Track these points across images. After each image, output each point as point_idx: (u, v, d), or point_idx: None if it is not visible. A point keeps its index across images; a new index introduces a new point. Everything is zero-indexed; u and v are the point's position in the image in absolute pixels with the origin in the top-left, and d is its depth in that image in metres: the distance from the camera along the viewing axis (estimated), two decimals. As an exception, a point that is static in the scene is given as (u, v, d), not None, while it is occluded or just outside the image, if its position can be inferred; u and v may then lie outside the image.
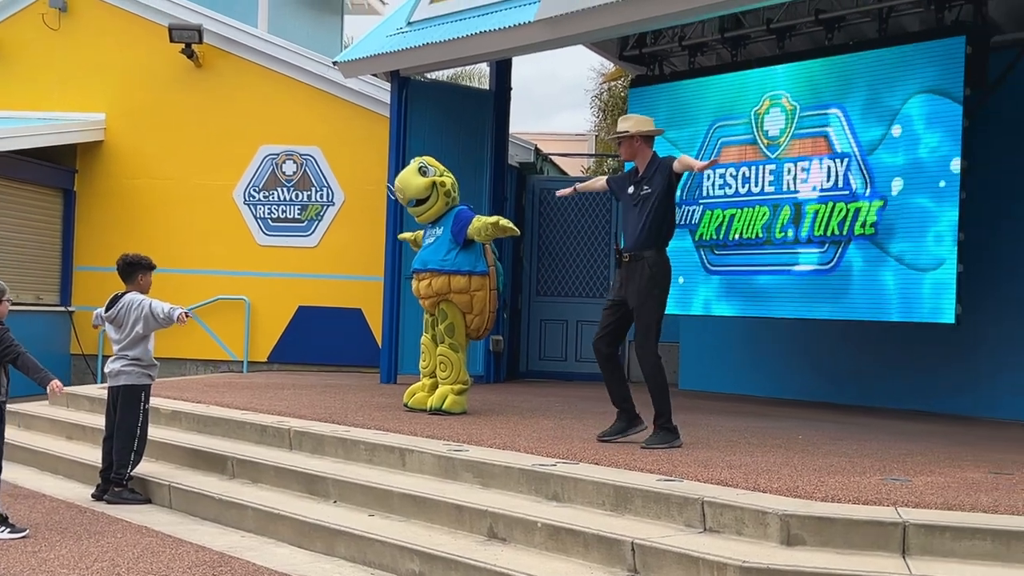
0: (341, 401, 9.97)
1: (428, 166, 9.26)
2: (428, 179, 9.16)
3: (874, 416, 10.30)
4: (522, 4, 10.76)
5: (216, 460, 8.18)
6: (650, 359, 7.48)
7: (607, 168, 22.12)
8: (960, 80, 9.18)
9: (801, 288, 10.24)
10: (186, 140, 14.63)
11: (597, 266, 14.01)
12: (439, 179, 9.21)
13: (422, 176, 9.17)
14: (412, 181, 9.17)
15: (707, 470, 6.43)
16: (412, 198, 9.19)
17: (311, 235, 14.36)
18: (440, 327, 9.12)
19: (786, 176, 10.40)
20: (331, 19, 20.88)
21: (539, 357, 14.43)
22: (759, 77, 10.73)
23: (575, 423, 8.71)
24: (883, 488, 5.94)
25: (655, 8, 9.37)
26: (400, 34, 12.16)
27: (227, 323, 14.36)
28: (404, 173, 9.28)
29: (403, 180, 9.22)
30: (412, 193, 9.17)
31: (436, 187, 9.16)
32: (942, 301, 9.23)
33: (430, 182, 9.16)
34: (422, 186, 9.15)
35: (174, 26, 14.23)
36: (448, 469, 7.11)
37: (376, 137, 13.52)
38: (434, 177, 9.19)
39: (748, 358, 12.55)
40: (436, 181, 9.18)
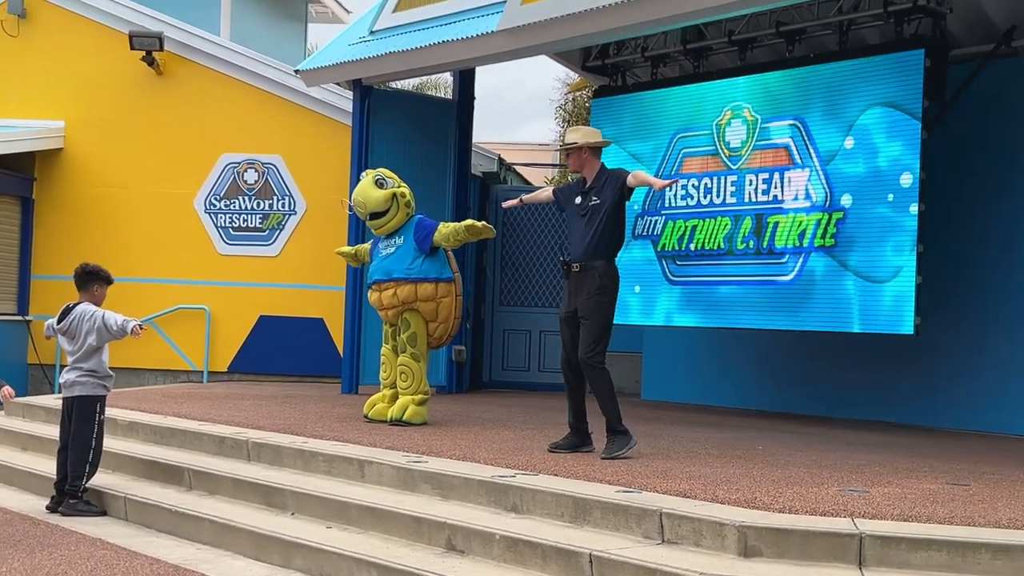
0: (301, 412, 9.90)
1: (385, 178, 9.24)
2: (388, 191, 9.14)
3: (834, 426, 10.34)
4: (485, 14, 10.75)
5: (173, 471, 8.10)
6: (598, 369, 7.48)
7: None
8: (919, 93, 9.25)
9: (762, 299, 10.27)
10: (146, 148, 14.51)
11: (561, 276, 13.96)
12: (398, 190, 9.19)
13: (380, 188, 9.14)
14: (372, 194, 9.14)
15: (666, 481, 6.42)
16: (372, 211, 9.16)
17: (272, 244, 14.27)
18: (402, 336, 9.08)
19: (747, 187, 10.43)
20: (295, 27, 20.81)
21: (502, 367, 14.40)
22: (721, 88, 10.77)
23: (536, 434, 8.69)
24: (841, 499, 5.95)
25: (616, 19, 9.39)
26: (363, 43, 12.12)
27: (187, 333, 14.24)
28: (361, 187, 9.24)
29: (362, 194, 9.18)
30: (372, 206, 9.14)
31: (396, 198, 9.14)
32: (901, 312, 9.28)
33: (390, 194, 9.13)
34: (382, 198, 9.12)
35: (134, 33, 14.12)
36: (407, 480, 7.07)
37: (338, 146, 13.47)
38: (393, 189, 9.17)
39: (711, 368, 12.57)
40: (396, 192, 9.16)
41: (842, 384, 11.27)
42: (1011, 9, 9.95)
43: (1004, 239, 10.19)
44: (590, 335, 7.49)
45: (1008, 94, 10.18)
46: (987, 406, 10.24)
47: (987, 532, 5.23)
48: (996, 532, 5.24)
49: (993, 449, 8.79)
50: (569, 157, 7.84)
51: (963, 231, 10.34)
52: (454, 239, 8.99)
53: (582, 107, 22.69)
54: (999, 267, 10.21)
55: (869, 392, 11.07)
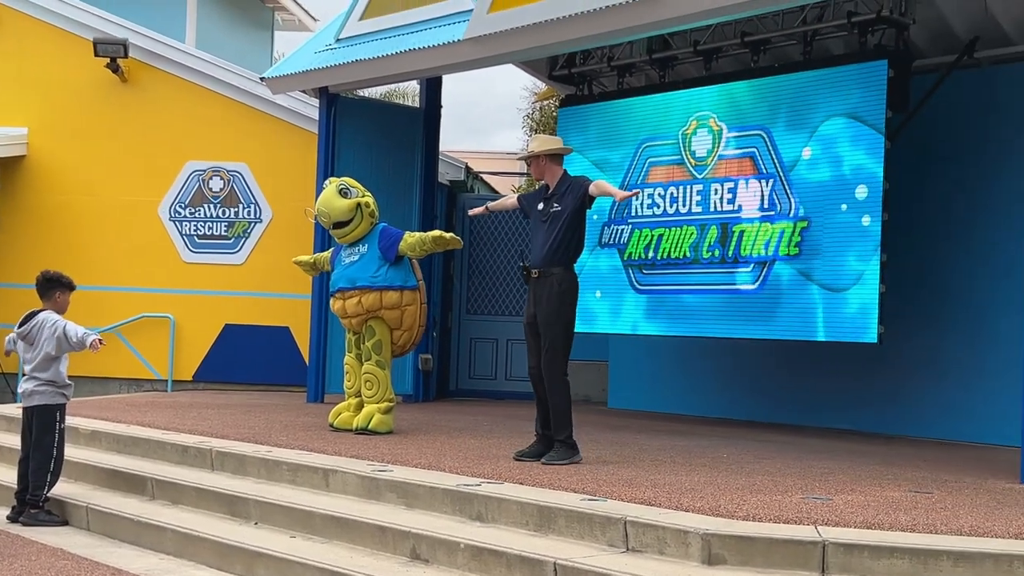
0: (266, 421, 9.85)
1: (349, 187, 9.24)
2: (352, 200, 9.14)
3: (799, 434, 10.38)
4: (452, 22, 10.76)
5: (136, 481, 8.04)
6: (558, 376, 7.54)
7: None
8: (882, 103, 9.31)
9: (728, 308, 10.31)
10: (111, 155, 14.41)
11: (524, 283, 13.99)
12: (362, 199, 9.18)
13: (344, 198, 9.14)
14: (335, 203, 9.13)
15: (631, 489, 6.43)
16: (336, 220, 9.15)
17: (238, 252, 14.20)
18: (367, 344, 9.06)
19: (713, 196, 10.47)
20: (261, 34, 20.75)
21: (469, 376, 14.38)
22: (687, 98, 10.81)
23: (502, 442, 8.68)
24: (804, 507, 5.98)
25: (582, 29, 9.41)
26: (329, 51, 12.09)
27: (151, 341, 14.14)
28: (325, 196, 9.24)
29: (326, 204, 9.17)
30: (337, 215, 9.13)
31: (360, 208, 9.14)
32: (865, 321, 9.33)
33: (354, 203, 9.13)
34: (346, 208, 9.12)
35: (99, 40, 14.03)
36: (372, 490, 7.04)
37: (304, 154, 13.42)
38: (357, 198, 9.17)
39: (677, 377, 12.60)
40: (360, 202, 9.15)
41: (807, 392, 11.33)
42: (973, 20, 10.05)
43: (965, 247, 10.28)
44: (550, 345, 7.54)
45: (970, 104, 10.27)
46: (949, 414, 10.32)
47: (949, 539, 5.27)
48: (957, 539, 5.28)
49: (955, 457, 8.86)
50: (531, 165, 7.92)
51: (925, 239, 10.42)
52: (420, 249, 8.99)
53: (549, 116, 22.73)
54: (960, 276, 10.30)
55: (833, 400, 11.13)
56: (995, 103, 10.10)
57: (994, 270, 10.02)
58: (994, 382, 9.88)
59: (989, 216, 10.12)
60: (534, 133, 24.55)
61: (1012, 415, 8.34)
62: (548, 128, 22.11)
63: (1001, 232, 9.95)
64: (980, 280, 10.17)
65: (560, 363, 7.57)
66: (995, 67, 10.29)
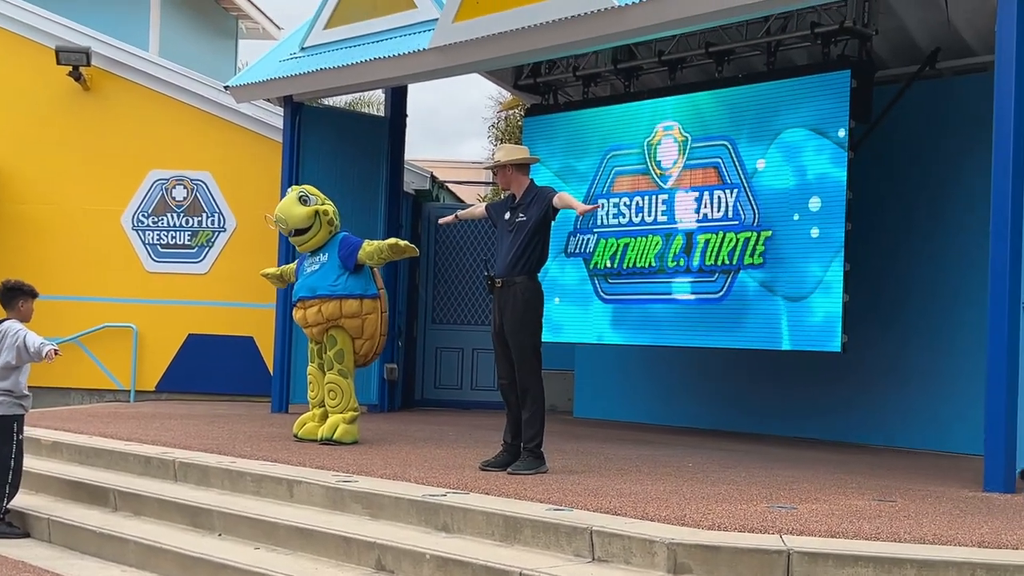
0: (229, 431, 9.79)
1: (308, 195, 9.23)
2: (310, 208, 9.12)
3: (764, 443, 10.42)
4: (417, 32, 10.74)
5: (98, 492, 7.97)
6: (534, 383, 7.55)
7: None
8: (845, 113, 9.38)
9: (693, 317, 10.34)
10: (73, 164, 14.29)
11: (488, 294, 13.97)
12: (321, 207, 9.16)
13: (303, 205, 9.13)
14: (294, 211, 9.11)
15: (597, 499, 6.43)
16: (294, 228, 9.13)
17: (202, 262, 14.11)
18: (329, 353, 9.03)
19: (678, 206, 10.51)
20: (225, 43, 20.66)
21: (434, 385, 14.34)
22: (651, 108, 10.85)
23: (468, 452, 8.66)
24: (769, 516, 5.99)
25: (547, 39, 9.42)
26: (293, 59, 12.05)
27: (114, 351, 14.02)
28: (284, 203, 9.22)
29: (284, 211, 9.15)
30: (295, 223, 9.11)
31: (319, 216, 9.12)
32: (829, 329, 9.38)
33: (312, 211, 9.11)
34: (304, 215, 9.10)
35: (61, 48, 13.91)
36: (337, 500, 7.01)
37: (269, 163, 13.35)
38: (316, 206, 9.15)
39: (643, 386, 12.62)
40: (319, 210, 9.14)
41: (771, 401, 11.38)
42: (935, 32, 10.14)
43: (926, 255, 10.36)
44: (520, 353, 7.55)
45: (932, 114, 10.36)
46: (912, 422, 10.39)
47: (912, 548, 5.30)
48: (921, 548, 5.31)
49: (919, 465, 8.91)
50: (497, 175, 7.93)
51: (886, 248, 10.50)
52: (378, 257, 8.97)
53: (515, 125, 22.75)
54: (921, 284, 10.38)
55: (797, 408, 11.18)
56: (956, 113, 10.19)
57: (954, 278, 10.11)
58: (956, 390, 9.97)
59: (949, 225, 10.21)
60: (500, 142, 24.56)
61: (974, 423, 8.42)
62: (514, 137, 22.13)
63: (960, 240, 10.04)
64: (940, 288, 10.25)
65: (535, 370, 7.59)
66: (956, 77, 10.38)
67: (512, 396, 7.71)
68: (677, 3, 8.56)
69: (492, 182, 23.14)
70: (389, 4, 11.10)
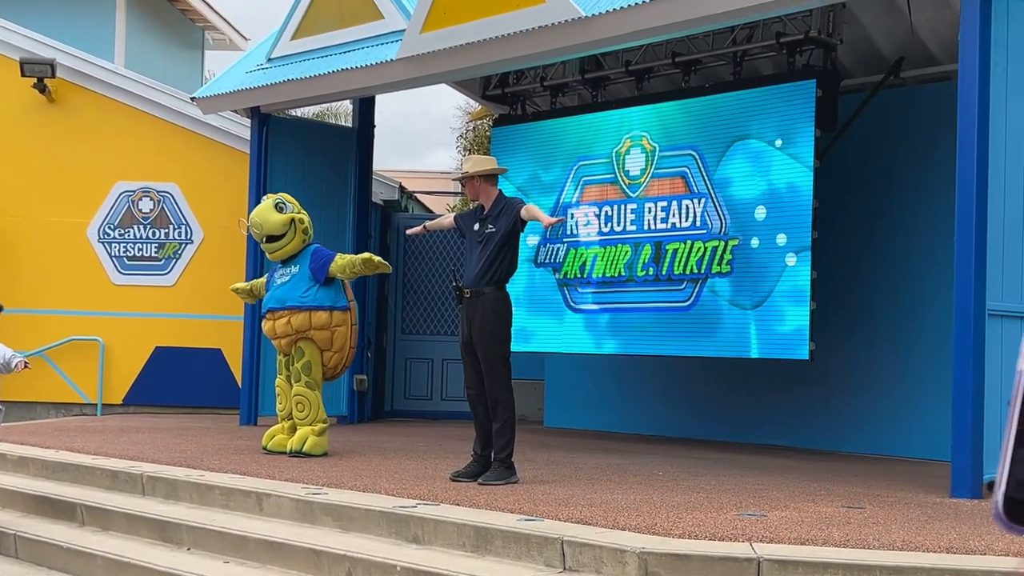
0: (198, 444, 9.73)
1: (285, 202, 9.19)
2: (286, 216, 9.08)
3: (734, 451, 10.45)
4: (384, 42, 10.74)
5: (65, 507, 7.89)
6: (503, 393, 7.55)
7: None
8: (811, 122, 9.44)
9: (662, 325, 10.37)
10: (38, 176, 14.18)
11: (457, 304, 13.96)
12: (297, 216, 9.13)
13: (279, 212, 9.08)
14: (269, 217, 9.06)
15: (568, 508, 6.43)
16: (268, 234, 9.09)
17: (169, 274, 14.03)
18: (296, 365, 8.99)
19: (647, 215, 10.54)
20: (191, 54, 20.57)
21: (404, 396, 14.31)
22: (619, 118, 10.88)
23: (438, 463, 8.64)
24: (739, 524, 6.01)
25: (514, 49, 9.44)
26: (260, 70, 12.01)
27: (80, 365, 13.91)
28: (260, 209, 9.18)
29: (260, 216, 9.10)
30: (269, 229, 9.07)
31: (294, 224, 9.09)
32: (796, 337, 9.43)
33: (288, 219, 9.07)
34: (280, 222, 9.06)
35: (26, 60, 13.81)
36: (306, 513, 6.97)
37: (236, 174, 13.30)
38: (292, 214, 9.11)
39: (612, 395, 12.64)
40: (295, 218, 9.10)
41: (741, 408, 11.42)
42: (899, 41, 10.23)
43: (890, 262, 10.44)
44: (489, 364, 7.56)
45: (896, 123, 10.45)
46: (879, 429, 10.45)
47: (881, 554, 5.32)
48: (889, 554, 5.33)
49: (887, 472, 8.96)
50: (466, 186, 7.93)
51: (851, 255, 10.56)
52: (350, 271, 8.95)
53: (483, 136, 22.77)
54: (885, 291, 10.45)
55: (767, 416, 11.22)
56: (920, 121, 10.28)
57: (917, 284, 10.19)
58: (921, 396, 10.03)
59: (912, 232, 10.29)
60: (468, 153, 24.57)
61: (941, 429, 8.47)
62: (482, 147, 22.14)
63: (923, 247, 10.12)
64: (904, 294, 10.33)
65: (503, 380, 7.59)
66: (920, 86, 10.47)
67: (480, 407, 7.71)
68: (643, 13, 8.60)
69: (461, 192, 23.14)
70: (356, 15, 11.10)
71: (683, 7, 8.42)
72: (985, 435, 7.16)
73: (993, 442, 7.20)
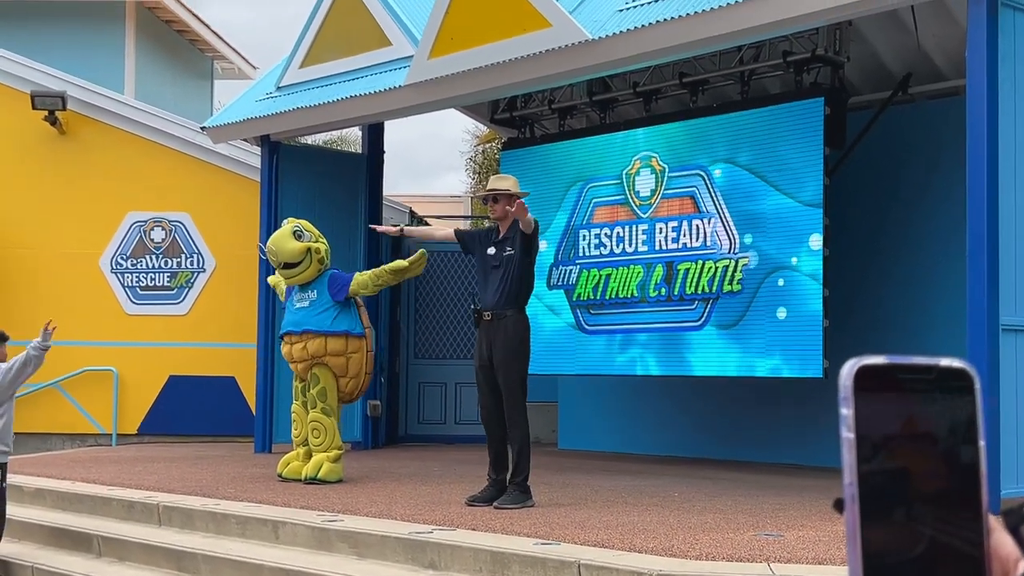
0: (213, 473, 9.73)
1: (304, 230, 9.20)
2: (303, 244, 9.09)
3: (749, 470, 10.42)
4: (392, 68, 10.78)
5: (82, 538, 7.91)
6: (520, 419, 7.55)
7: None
8: (820, 140, 9.44)
9: (675, 345, 10.36)
10: (50, 208, 14.25)
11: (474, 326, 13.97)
12: (314, 245, 9.14)
13: (296, 240, 9.10)
14: (286, 245, 9.08)
15: (584, 531, 6.41)
16: (284, 262, 9.11)
17: (181, 303, 14.07)
18: (312, 391, 9.00)
19: (658, 235, 10.55)
20: (200, 84, 20.68)
21: (418, 420, 14.30)
22: (628, 139, 10.90)
23: (453, 488, 8.63)
24: (756, 544, 5.99)
25: (521, 73, 9.48)
26: (270, 99, 12.08)
27: (94, 395, 13.94)
28: (277, 236, 9.20)
29: (277, 243, 9.12)
30: (285, 257, 9.08)
31: (311, 253, 9.09)
32: (810, 356, 9.41)
33: (305, 247, 9.09)
34: (296, 251, 9.07)
35: (37, 93, 13.90)
36: (323, 540, 6.97)
37: (247, 202, 13.35)
38: (309, 243, 9.13)
39: (627, 416, 12.62)
40: (311, 247, 9.11)
41: (756, 428, 11.38)
42: (906, 57, 10.24)
43: (900, 278, 10.42)
44: (510, 387, 7.55)
45: (905, 138, 10.45)
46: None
47: (900, 572, 5.28)
48: (908, 572, 5.30)
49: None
50: (497, 203, 7.80)
51: (864, 272, 10.55)
52: (374, 285, 8.99)
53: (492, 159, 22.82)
54: (897, 306, 10.42)
55: (782, 435, 11.18)
56: (928, 136, 10.28)
57: (928, 300, 10.16)
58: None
59: (922, 246, 10.28)
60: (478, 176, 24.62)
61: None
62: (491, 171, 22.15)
63: (933, 262, 10.10)
64: (914, 310, 10.30)
65: (522, 404, 7.60)
66: (928, 101, 10.48)
67: (496, 430, 7.69)
68: (649, 35, 8.63)
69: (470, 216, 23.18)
70: (364, 42, 11.15)
71: (690, 28, 8.45)
72: (1001, 451, 7.13)
73: (1009, 458, 7.17)
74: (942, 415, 0.95)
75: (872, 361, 0.97)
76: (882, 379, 0.97)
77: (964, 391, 0.96)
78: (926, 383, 0.96)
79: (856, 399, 0.96)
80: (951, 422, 0.95)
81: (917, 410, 0.95)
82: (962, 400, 0.96)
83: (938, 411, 0.95)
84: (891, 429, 0.95)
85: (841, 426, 0.97)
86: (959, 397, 0.96)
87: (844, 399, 0.96)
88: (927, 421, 0.95)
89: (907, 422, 0.95)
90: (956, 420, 0.95)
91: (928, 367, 0.96)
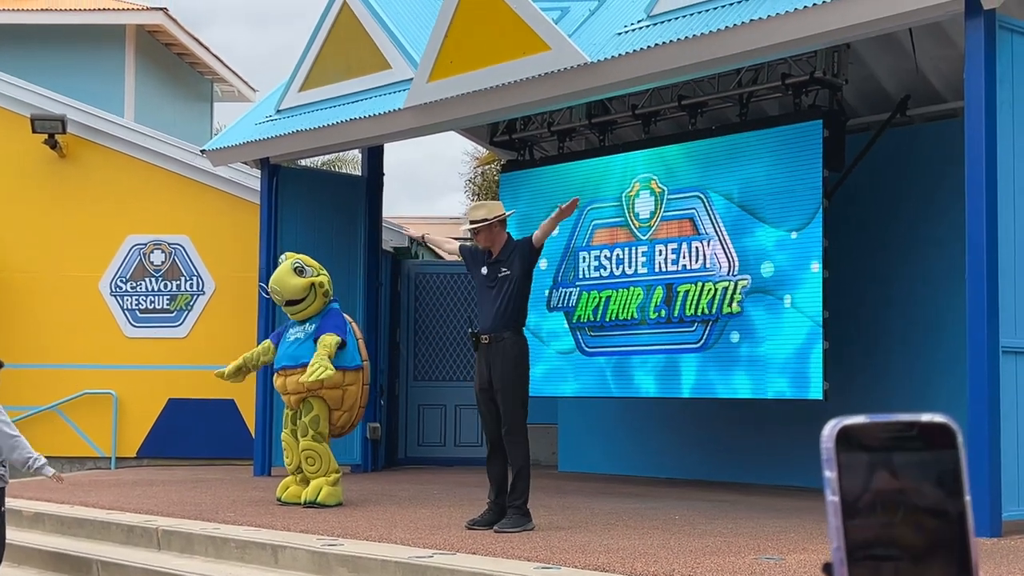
0: (212, 497, 9.71)
1: (304, 265, 9.13)
2: (306, 280, 9.04)
3: (750, 492, 10.40)
4: (391, 92, 10.81)
5: (81, 563, 7.88)
6: (518, 445, 7.53)
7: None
8: (818, 162, 9.46)
9: (675, 367, 10.36)
10: (49, 231, 14.26)
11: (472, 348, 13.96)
12: (317, 279, 9.10)
13: (298, 276, 9.05)
14: (289, 282, 9.03)
15: (585, 555, 6.39)
16: (289, 299, 9.05)
17: (181, 325, 14.06)
18: (304, 419, 8.94)
19: (657, 257, 10.56)
20: (200, 106, 20.72)
21: (418, 443, 14.27)
22: (627, 161, 10.92)
23: (453, 511, 8.61)
24: (757, 567, 5.97)
25: (520, 96, 9.51)
26: (269, 122, 12.10)
27: (94, 418, 13.92)
28: (279, 274, 9.14)
29: (279, 282, 9.06)
30: (290, 294, 9.03)
31: (315, 287, 9.05)
32: (810, 377, 9.41)
33: (308, 283, 9.04)
34: (300, 287, 9.03)
35: (36, 116, 13.93)
36: (322, 564, 6.95)
37: (246, 224, 13.36)
38: (312, 278, 9.08)
39: (626, 438, 12.60)
40: (315, 282, 9.07)
41: (756, 450, 11.36)
42: (904, 80, 10.27)
43: (900, 299, 10.42)
44: (510, 410, 7.53)
45: (903, 160, 10.47)
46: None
47: (902, 596, 5.27)
48: (910, 595, 5.28)
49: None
50: (479, 235, 7.88)
51: (864, 294, 10.55)
52: None
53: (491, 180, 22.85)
54: (896, 328, 10.42)
55: (782, 457, 11.16)
56: (927, 158, 10.30)
57: (928, 322, 10.16)
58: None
59: (920, 269, 10.28)
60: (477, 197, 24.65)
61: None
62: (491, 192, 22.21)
63: (933, 284, 10.10)
64: (915, 331, 10.30)
65: (522, 426, 7.58)
66: (926, 124, 10.50)
67: (496, 453, 7.68)
68: (648, 58, 8.66)
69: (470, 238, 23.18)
70: (364, 65, 11.18)
71: (688, 51, 8.47)
72: (1003, 473, 7.12)
73: (1010, 481, 7.16)
74: (926, 471, 0.95)
75: (853, 421, 0.98)
76: (864, 438, 0.97)
77: (947, 446, 0.96)
78: (908, 440, 0.96)
79: (839, 460, 0.96)
80: (936, 477, 0.95)
81: (901, 467, 0.96)
82: (946, 455, 0.96)
83: (922, 467, 0.95)
84: (876, 487, 0.96)
85: (825, 489, 0.97)
86: (942, 452, 0.96)
87: (827, 461, 0.96)
88: (911, 478, 0.95)
89: (891, 479, 0.95)
90: (941, 475, 0.95)
91: (910, 424, 0.97)
